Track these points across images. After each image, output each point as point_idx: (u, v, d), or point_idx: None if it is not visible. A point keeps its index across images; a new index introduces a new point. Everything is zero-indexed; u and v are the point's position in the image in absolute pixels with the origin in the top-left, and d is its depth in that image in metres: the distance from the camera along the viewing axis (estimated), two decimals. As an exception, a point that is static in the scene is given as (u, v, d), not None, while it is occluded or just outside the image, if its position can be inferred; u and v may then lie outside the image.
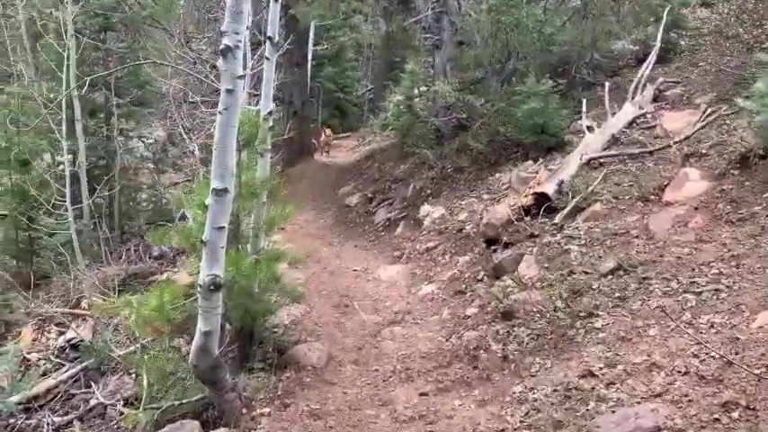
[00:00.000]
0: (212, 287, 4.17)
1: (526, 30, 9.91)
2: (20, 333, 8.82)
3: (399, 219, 10.05)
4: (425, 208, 9.44)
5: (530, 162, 9.11)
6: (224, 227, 4.16)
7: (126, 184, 13.52)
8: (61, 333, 8.49)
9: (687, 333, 4.21)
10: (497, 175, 9.26)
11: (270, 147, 5.84)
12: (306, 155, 16.13)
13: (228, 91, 3.99)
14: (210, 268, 4.17)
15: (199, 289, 4.23)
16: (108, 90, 11.41)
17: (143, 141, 13.52)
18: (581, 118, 9.49)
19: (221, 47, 3.94)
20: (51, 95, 11.07)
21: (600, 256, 5.76)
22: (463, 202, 9.00)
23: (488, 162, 9.76)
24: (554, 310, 5.15)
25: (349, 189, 13.06)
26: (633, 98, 9.31)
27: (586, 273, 5.57)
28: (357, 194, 12.26)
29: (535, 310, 5.38)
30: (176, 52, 11.06)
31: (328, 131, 19.49)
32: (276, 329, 5.86)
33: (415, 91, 13.41)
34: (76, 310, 8.95)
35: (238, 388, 4.66)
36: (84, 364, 7.09)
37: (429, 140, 11.64)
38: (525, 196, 7.29)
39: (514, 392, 4.40)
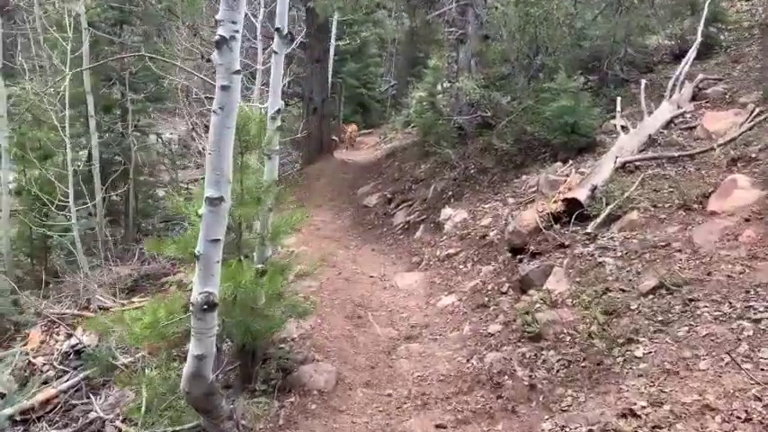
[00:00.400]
0: (206, 306, 3.71)
1: (556, 23, 9.27)
2: (28, 335, 8.54)
3: (419, 222, 9.53)
4: (446, 211, 8.90)
5: (559, 164, 8.52)
6: (219, 239, 3.69)
7: (145, 180, 13.27)
8: (69, 335, 8.18)
9: (745, 369, 3.63)
10: (524, 177, 8.68)
11: (278, 148, 5.36)
12: (325, 152, 15.68)
13: (224, 87, 3.51)
14: (204, 285, 3.71)
15: (191, 308, 3.77)
16: (122, 85, 11.09)
17: (160, 138, 13.21)
18: (614, 117, 8.87)
19: (216, 38, 3.47)
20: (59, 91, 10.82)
21: (638, 272, 5.17)
22: (487, 206, 8.44)
23: (514, 163, 9.18)
24: (588, 336, 4.59)
25: (368, 189, 12.57)
26: (671, 96, 8.64)
27: (623, 291, 4.99)
28: (376, 195, 11.76)
29: (566, 331, 4.83)
30: (185, 45, 10.67)
31: (353, 126, 19.44)
32: (283, 345, 5.41)
33: (438, 87, 12.91)
34: (85, 312, 8.64)
35: (236, 415, 4.20)
36: (85, 373, 6.73)
37: (451, 139, 11.09)
38: (555, 202, 6.72)
39: (543, 430, 3.87)
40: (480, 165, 9.73)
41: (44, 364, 7.65)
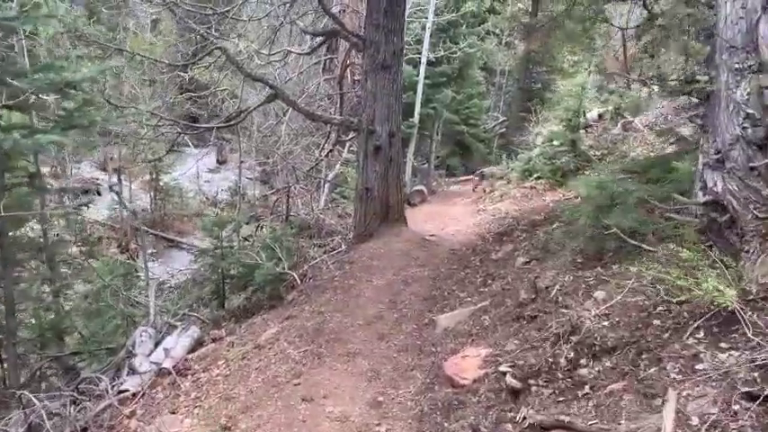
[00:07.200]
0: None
1: None
2: None
3: None
4: None
5: None
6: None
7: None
8: None
9: None
10: None
11: None
12: (394, 219, 8.79)
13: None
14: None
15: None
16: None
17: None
18: None
19: None
20: None
21: None
22: None
23: None
24: None
25: (462, 318, 5.40)
26: None
27: None
28: (478, 356, 4.53)
29: None
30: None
31: None
32: None
33: (581, 119, 6.37)
34: None
35: None
36: None
37: (676, 230, 3.94)
38: None
39: None
40: None
41: None
